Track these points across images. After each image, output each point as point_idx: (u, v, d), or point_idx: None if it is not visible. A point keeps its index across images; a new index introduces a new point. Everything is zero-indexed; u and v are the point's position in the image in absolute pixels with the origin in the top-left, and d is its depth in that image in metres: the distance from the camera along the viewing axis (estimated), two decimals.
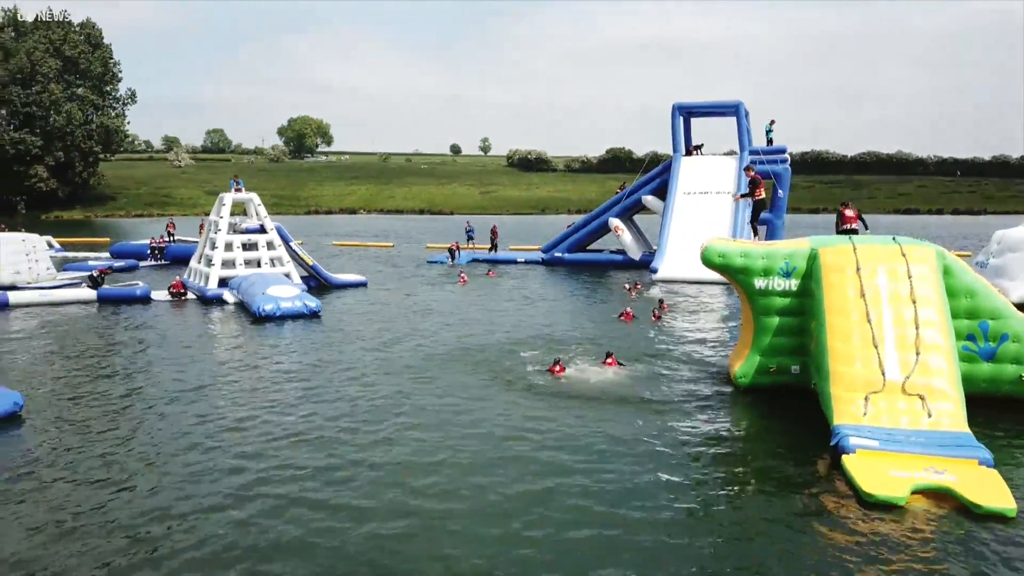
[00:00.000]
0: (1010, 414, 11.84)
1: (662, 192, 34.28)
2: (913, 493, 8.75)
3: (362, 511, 8.41)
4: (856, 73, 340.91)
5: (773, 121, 35.32)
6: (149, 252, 36.47)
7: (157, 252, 36.40)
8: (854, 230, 14.06)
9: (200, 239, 28.50)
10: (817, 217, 79.47)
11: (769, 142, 34.97)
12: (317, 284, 27.09)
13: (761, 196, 17.55)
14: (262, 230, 26.57)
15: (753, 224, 18.30)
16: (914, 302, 11.39)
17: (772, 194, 31.80)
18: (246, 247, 26.08)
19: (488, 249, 39.36)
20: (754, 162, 28.43)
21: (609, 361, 14.88)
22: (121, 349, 17.13)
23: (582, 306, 23.67)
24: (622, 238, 34.40)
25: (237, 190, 27.47)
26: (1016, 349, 12.04)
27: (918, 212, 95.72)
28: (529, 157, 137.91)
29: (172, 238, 38.77)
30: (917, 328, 11.10)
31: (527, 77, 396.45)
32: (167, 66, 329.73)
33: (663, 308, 21.54)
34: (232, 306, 23.34)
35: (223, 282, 24.72)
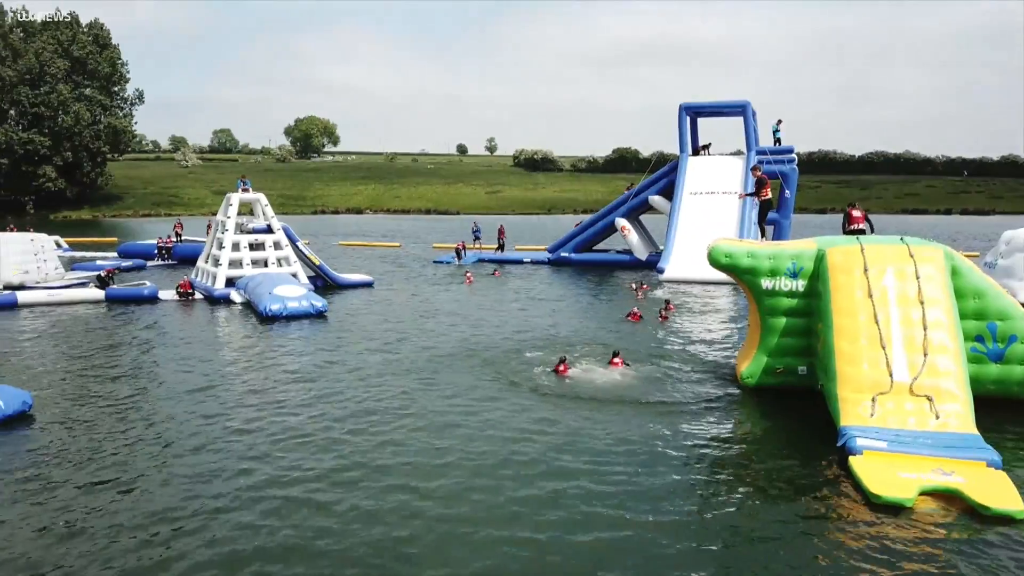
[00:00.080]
0: (1018, 416, 11.77)
1: (669, 192, 34.21)
2: (921, 495, 8.72)
3: (370, 514, 8.42)
4: (864, 72, 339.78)
5: (780, 121, 35.22)
6: (156, 252, 36.63)
7: (164, 252, 36.56)
8: (861, 230, 14.01)
9: (207, 239, 28.61)
10: (824, 217, 79.27)
11: (777, 142, 34.86)
12: (324, 284, 27.17)
13: (767, 196, 17.48)
14: (269, 230, 26.66)
15: (761, 224, 18.24)
16: (922, 303, 11.35)
17: (779, 194, 31.74)
18: (253, 247, 26.17)
19: (495, 249, 39.37)
20: (761, 162, 28.37)
21: (616, 361, 14.87)
22: (129, 349, 17.21)
23: (588, 306, 23.65)
24: (629, 238, 34.37)
25: (244, 190, 27.54)
26: None
27: (926, 212, 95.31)
28: (535, 157, 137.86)
29: (179, 238, 38.92)
30: (925, 329, 11.05)
31: (534, 77, 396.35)
32: (174, 66, 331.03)
33: (669, 308, 21.52)
34: (239, 306, 23.41)
35: (230, 282, 24.82)
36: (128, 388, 13.77)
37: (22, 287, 25.39)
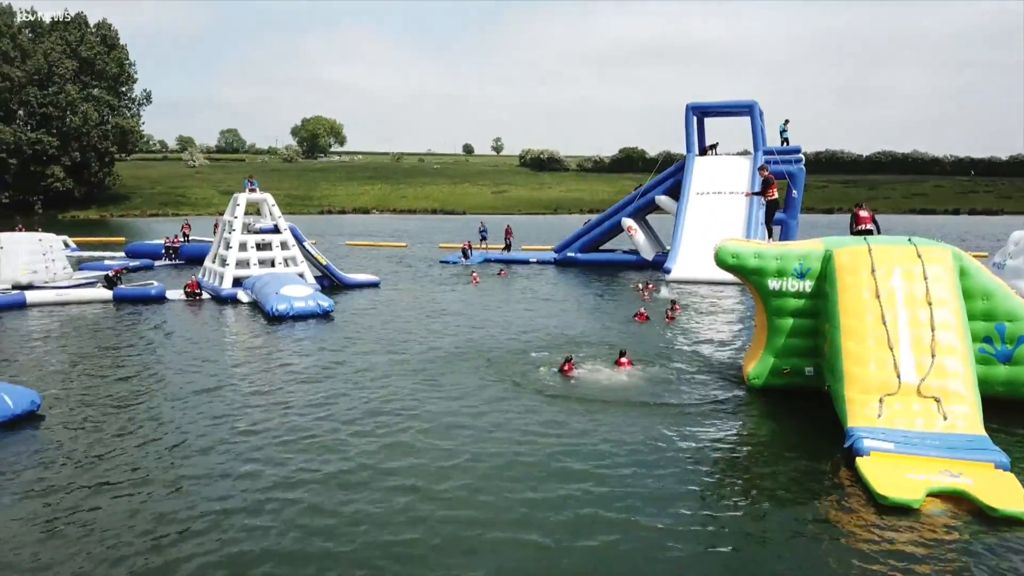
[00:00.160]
0: None
1: (675, 192, 34.16)
2: (928, 496, 8.69)
3: (377, 516, 8.43)
4: (871, 72, 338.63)
5: (788, 121, 35.14)
6: (164, 252, 36.76)
7: (172, 252, 36.68)
8: (869, 231, 13.96)
9: (214, 239, 28.69)
10: (831, 217, 79.01)
11: (784, 142, 34.79)
12: (330, 284, 27.23)
13: (774, 196, 17.44)
14: (276, 230, 26.71)
15: (768, 224, 18.21)
16: (930, 304, 11.30)
17: (787, 194, 31.66)
18: (260, 247, 26.23)
19: (502, 249, 39.39)
20: (768, 162, 28.28)
21: (622, 362, 14.86)
22: (137, 349, 17.27)
23: (594, 307, 23.63)
24: (635, 238, 34.32)
25: (251, 190, 27.61)
26: None
27: (934, 212, 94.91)
28: (542, 157, 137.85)
29: (187, 238, 39.06)
30: (933, 330, 11.01)
31: (540, 77, 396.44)
32: (182, 67, 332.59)
33: (676, 309, 21.48)
34: (246, 306, 23.47)
35: (237, 282, 24.88)
36: (135, 388, 13.82)
37: (30, 287, 25.50)
